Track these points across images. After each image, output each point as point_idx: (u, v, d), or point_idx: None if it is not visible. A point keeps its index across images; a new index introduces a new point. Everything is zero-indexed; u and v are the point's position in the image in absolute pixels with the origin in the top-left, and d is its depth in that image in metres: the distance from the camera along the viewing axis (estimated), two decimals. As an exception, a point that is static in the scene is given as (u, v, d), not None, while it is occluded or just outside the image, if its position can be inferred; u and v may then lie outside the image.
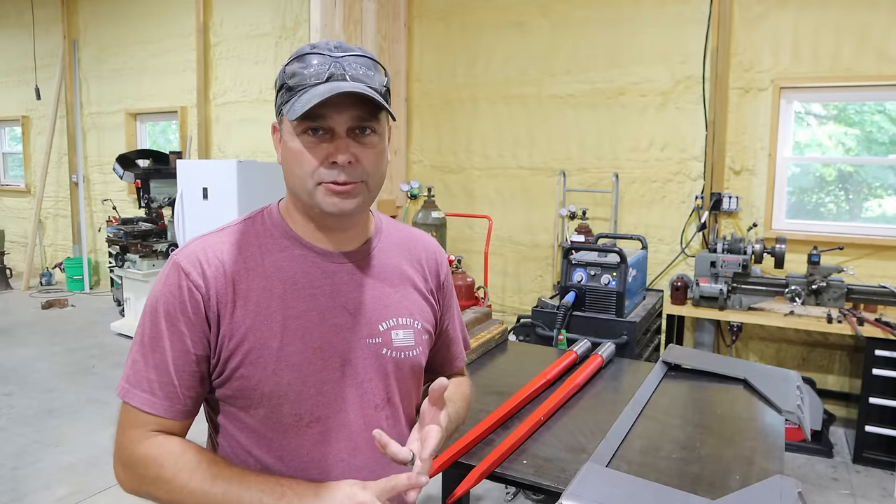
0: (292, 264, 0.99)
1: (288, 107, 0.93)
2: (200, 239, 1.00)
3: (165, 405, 0.94)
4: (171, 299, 0.94)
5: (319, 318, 0.98)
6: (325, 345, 0.98)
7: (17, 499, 3.02)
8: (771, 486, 1.30)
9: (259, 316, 0.95)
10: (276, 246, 1.00)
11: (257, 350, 0.94)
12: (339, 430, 0.99)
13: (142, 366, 0.94)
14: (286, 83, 0.94)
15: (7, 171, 8.78)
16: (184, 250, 0.98)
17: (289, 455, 0.98)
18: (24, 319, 6.28)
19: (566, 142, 4.75)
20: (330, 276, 1.00)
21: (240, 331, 0.94)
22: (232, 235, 1.00)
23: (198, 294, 0.94)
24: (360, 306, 1.01)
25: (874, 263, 3.88)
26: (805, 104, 4.20)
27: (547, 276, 4.91)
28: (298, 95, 0.92)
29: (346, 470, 0.99)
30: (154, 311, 0.95)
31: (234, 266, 0.96)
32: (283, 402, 0.96)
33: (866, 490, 3.21)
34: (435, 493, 3.03)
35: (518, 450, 1.52)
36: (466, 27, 5.05)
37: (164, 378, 0.94)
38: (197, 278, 0.94)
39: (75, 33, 7.43)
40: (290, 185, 0.99)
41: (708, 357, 2.26)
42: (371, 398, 1.02)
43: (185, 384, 0.95)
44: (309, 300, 0.98)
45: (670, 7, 4.31)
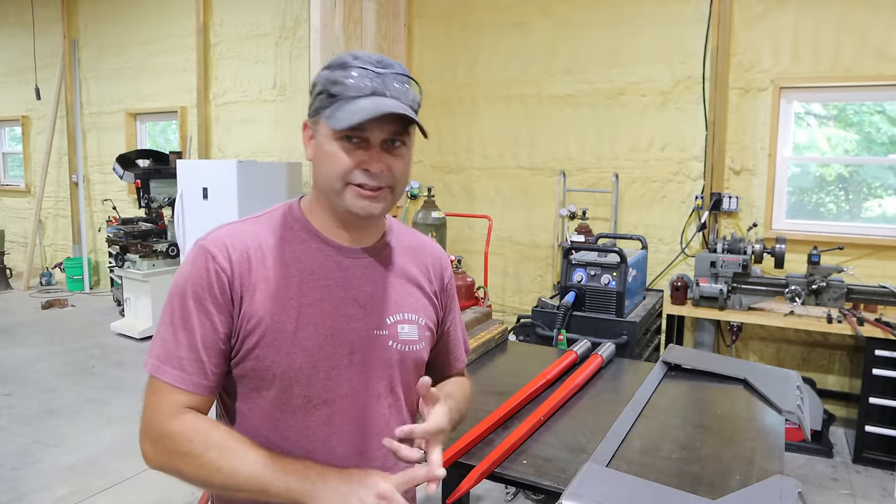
0: (310, 256, 1.05)
1: (329, 112, 0.99)
2: (226, 227, 1.06)
3: (195, 381, 0.98)
4: (199, 281, 0.99)
5: (332, 308, 1.04)
6: (336, 332, 1.04)
7: (17, 499, 3.02)
8: (771, 486, 1.30)
9: (277, 301, 1.01)
10: (296, 238, 1.06)
11: (273, 333, 1.00)
12: (343, 414, 1.05)
13: (172, 343, 0.99)
14: (328, 89, 1.00)
15: (7, 171, 8.78)
16: (210, 236, 1.04)
17: (294, 435, 1.03)
18: (24, 319, 6.28)
19: (566, 142, 4.75)
20: (344, 269, 1.07)
21: (258, 313, 1.00)
22: (256, 226, 1.07)
23: (224, 276, 1.00)
24: (370, 299, 1.08)
25: (874, 263, 3.88)
26: (805, 104, 4.20)
27: (547, 276, 4.91)
28: (341, 105, 0.98)
29: (349, 454, 1.05)
30: (182, 293, 1.00)
31: (257, 253, 1.02)
32: (293, 383, 1.02)
33: (866, 490, 3.21)
34: (435, 493, 3.03)
35: (518, 450, 1.52)
36: (466, 27, 5.05)
37: (193, 355, 0.98)
38: (223, 261, 1.00)
39: (75, 33, 7.43)
40: (319, 183, 1.05)
41: (708, 357, 2.26)
42: (375, 386, 1.08)
43: (212, 361, 1.00)
44: (323, 290, 1.04)
45: (670, 7, 4.31)
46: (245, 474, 0.94)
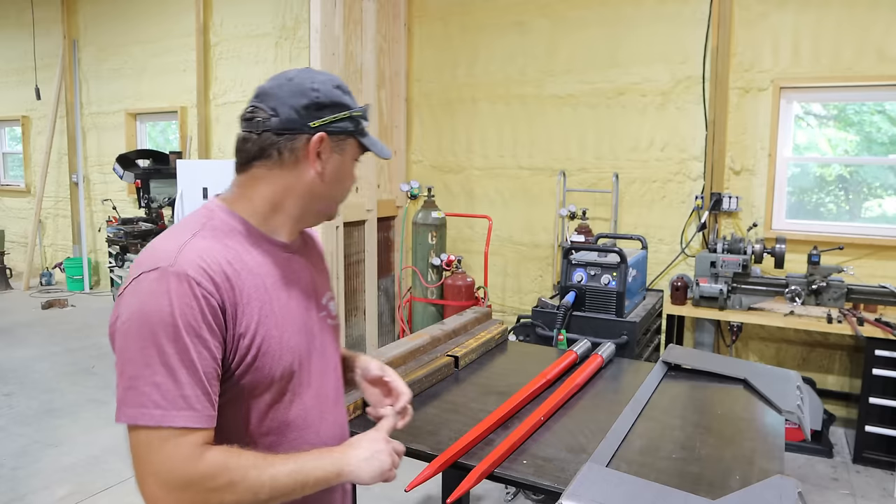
0: (267, 259, 1.09)
1: (368, 141, 1.14)
2: (186, 246, 0.98)
3: (207, 416, 0.94)
4: (189, 311, 0.93)
5: (296, 303, 1.11)
6: (303, 324, 1.12)
7: (17, 499, 3.02)
8: (771, 486, 1.30)
9: (261, 310, 1.03)
10: (249, 243, 1.07)
11: (267, 341, 1.03)
12: (319, 394, 1.14)
13: (171, 385, 0.91)
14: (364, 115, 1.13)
15: (7, 171, 8.78)
16: (179, 259, 0.95)
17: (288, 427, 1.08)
18: (24, 319, 6.28)
19: (566, 142, 4.75)
20: (289, 264, 1.13)
21: (251, 327, 1.01)
22: (211, 239, 1.02)
23: (213, 300, 0.96)
24: (311, 286, 1.18)
25: (874, 263, 3.88)
26: (805, 104, 4.20)
27: (547, 276, 4.91)
28: (368, 134, 1.15)
29: (330, 424, 1.16)
30: (172, 327, 0.92)
31: (229, 268, 1.00)
32: (286, 381, 1.07)
33: (866, 490, 3.21)
34: (435, 493, 3.03)
35: (518, 450, 1.52)
36: (466, 27, 5.05)
37: (199, 390, 0.93)
38: (208, 285, 0.95)
39: (75, 33, 7.43)
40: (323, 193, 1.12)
41: (708, 357, 2.27)
42: (331, 362, 1.20)
43: (215, 390, 0.97)
44: (286, 288, 1.10)
45: (670, 7, 4.31)
46: (285, 477, 0.97)
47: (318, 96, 1.06)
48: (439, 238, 4.72)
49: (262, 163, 1.06)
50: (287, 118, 1.04)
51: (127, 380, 0.92)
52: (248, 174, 1.08)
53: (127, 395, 0.91)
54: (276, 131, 1.05)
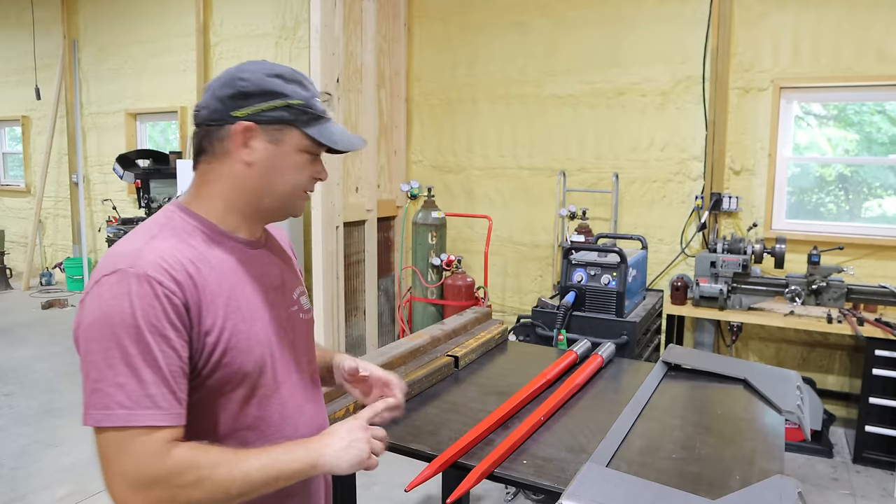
0: (230, 255, 1.09)
1: (315, 130, 1.07)
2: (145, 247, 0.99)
3: (174, 414, 0.94)
4: (151, 311, 0.93)
5: (263, 298, 1.12)
6: (272, 318, 1.12)
7: (17, 499, 3.02)
8: (771, 486, 1.30)
9: (227, 306, 1.04)
10: (211, 241, 1.08)
11: (234, 336, 1.03)
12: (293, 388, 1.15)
13: (134, 385, 0.91)
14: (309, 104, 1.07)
15: (7, 171, 8.78)
16: (139, 262, 0.96)
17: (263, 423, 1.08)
18: (24, 319, 6.28)
19: (566, 142, 4.75)
20: (255, 260, 1.14)
21: (217, 323, 1.01)
22: (172, 239, 1.03)
23: (176, 299, 0.96)
24: (280, 282, 1.18)
25: (874, 263, 3.88)
26: (805, 104, 4.20)
27: (547, 276, 4.91)
28: (324, 124, 1.09)
29: (307, 419, 1.16)
30: (134, 328, 0.92)
31: (191, 266, 1.01)
32: (257, 376, 1.07)
33: (866, 490, 3.21)
34: (435, 493, 3.03)
35: (518, 450, 1.52)
36: (466, 27, 5.05)
37: (165, 389, 0.93)
38: (170, 284, 0.96)
39: (75, 33, 7.43)
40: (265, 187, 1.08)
41: (708, 357, 2.27)
42: (303, 356, 1.20)
43: (181, 388, 0.96)
44: (252, 283, 1.11)
45: (670, 7, 4.31)
46: (257, 472, 0.96)
47: (244, 85, 1.06)
48: (439, 238, 4.72)
49: (202, 158, 1.10)
50: (213, 109, 1.06)
51: (91, 382, 0.91)
52: (197, 171, 1.12)
53: (91, 397, 0.91)
54: (205, 123, 1.07)
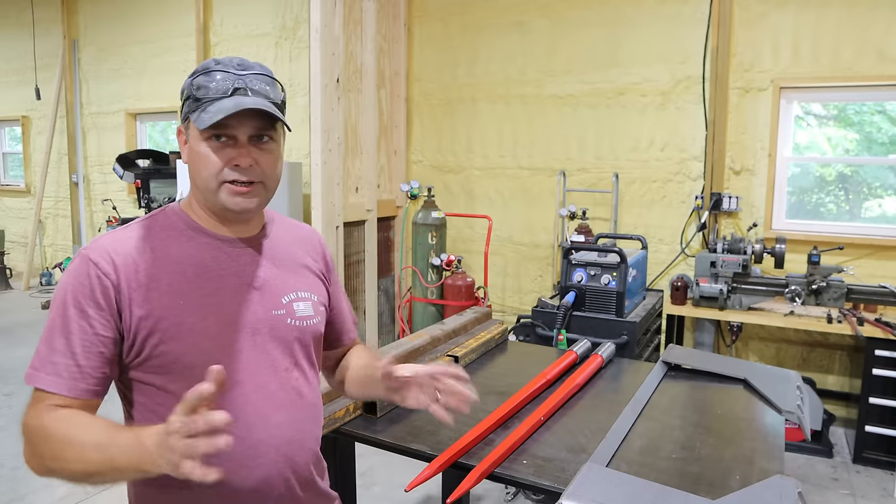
0: (200, 251, 1.11)
1: (196, 116, 1.06)
2: (108, 234, 1.10)
3: (70, 384, 1.00)
4: (80, 288, 1.02)
5: (230, 296, 1.11)
6: (237, 318, 1.10)
7: (17, 499, 3.02)
8: (771, 486, 1.30)
9: (173, 296, 1.06)
10: (184, 236, 1.12)
11: (175, 327, 1.05)
12: (256, 393, 1.11)
13: (46, 350, 1.01)
14: (193, 94, 1.07)
15: (7, 171, 8.78)
16: (92, 245, 1.07)
17: None
18: (24, 319, 6.28)
19: (566, 142, 4.75)
20: (235, 259, 1.14)
21: (155, 312, 1.04)
22: (138, 231, 1.11)
23: (107, 281, 1.03)
24: (264, 283, 1.15)
25: (874, 263, 3.88)
26: (805, 104, 4.20)
27: (547, 276, 4.91)
28: (205, 106, 1.05)
29: (267, 426, 1.11)
30: (63, 301, 1.03)
31: (143, 255, 1.07)
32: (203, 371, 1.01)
33: (866, 490, 3.21)
34: (435, 493, 3.03)
35: (518, 450, 1.52)
36: (466, 27, 5.05)
37: (68, 360, 1.00)
38: (106, 266, 1.03)
39: (75, 33, 7.43)
40: (195, 184, 1.11)
41: (708, 357, 2.27)
42: (281, 362, 1.15)
43: (91, 364, 1.02)
44: (219, 280, 1.11)
45: (670, 7, 4.31)
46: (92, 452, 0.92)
47: (182, 90, 1.11)
48: (439, 238, 4.72)
49: None
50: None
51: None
52: None
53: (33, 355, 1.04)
54: None
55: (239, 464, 1.07)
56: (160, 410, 1.05)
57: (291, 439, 1.14)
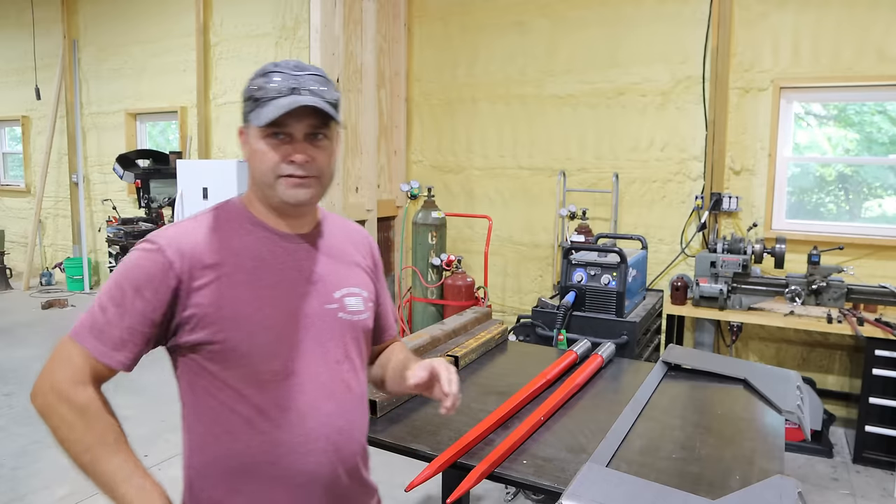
0: (259, 244, 1.16)
1: (254, 115, 1.11)
2: (176, 225, 1.16)
3: (109, 353, 1.06)
4: (143, 270, 1.08)
5: (288, 288, 1.16)
6: (293, 310, 1.15)
7: (17, 499, 3.02)
8: (771, 486, 1.30)
9: (233, 288, 1.10)
10: (244, 230, 1.16)
11: (234, 317, 1.09)
12: (311, 382, 1.15)
13: (99, 315, 1.07)
14: (253, 95, 1.12)
15: (7, 171, 8.78)
16: (162, 233, 1.13)
17: (268, 407, 1.11)
18: (24, 319, 6.28)
19: (566, 142, 4.75)
20: (291, 253, 1.18)
21: (216, 301, 1.09)
22: (204, 222, 1.16)
23: (171, 271, 1.08)
24: (318, 278, 1.20)
25: (874, 263, 3.88)
26: (805, 104, 4.20)
27: (547, 276, 4.91)
28: (263, 106, 1.10)
29: (318, 415, 1.15)
30: (124, 276, 1.09)
31: (209, 246, 1.12)
32: (259, 360, 1.11)
33: (866, 490, 3.21)
34: (435, 493, 3.03)
35: (518, 450, 1.52)
36: (466, 27, 5.05)
37: (114, 330, 1.06)
38: (172, 255, 1.09)
39: (75, 33, 7.43)
40: (255, 180, 1.16)
41: (708, 357, 2.27)
42: (333, 354, 1.19)
43: (133, 341, 1.07)
44: (278, 273, 1.15)
45: (670, 7, 4.31)
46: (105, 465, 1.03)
47: (243, 92, 1.16)
48: (439, 238, 4.72)
49: None
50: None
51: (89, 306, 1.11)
52: None
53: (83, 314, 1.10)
54: None
55: (292, 450, 1.12)
56: (219, 395, 1.11)
57: (341, 429, 1.18)
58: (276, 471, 1.11)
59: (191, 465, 1.15)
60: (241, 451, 1.11)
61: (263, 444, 1.10)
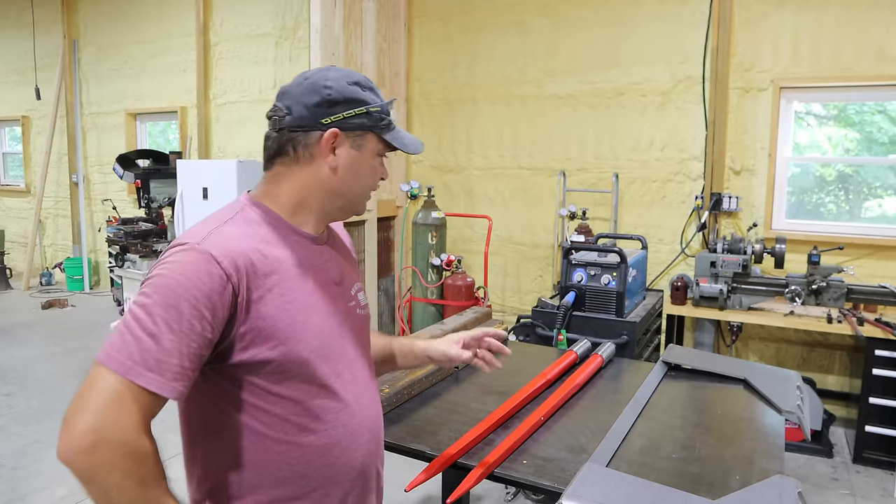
0: (295, 249, 1.12)
1: (391, 135, 1.16)
2: (217, 230, 1.04)
3: (171, 386, 0.94)
4: (200, 285, 0.96)
5: (324, 291, 1.15)
6: (331, 311, 1.16)
7: (17, 499, 3.02)
8: (771, 486, 1.30)
9: (284, 296, 1.07)
10: (277, 234, 1.12)
11: (290, 327, 1.06)
12: (352, 379, 1.18)
13: (151, 345, 0.92)
14: (369, 109, 1.12)
15: (7, 171, 8.77)
16: (209, 240, 1.01)
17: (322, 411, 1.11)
18: (24, 319, 6.28)
19: (566, 142, 4.75)
20: (318, 255, 1.18)
21: (271, 314, 1.04)
22: (245, 228, 1.08)
23: (229, 285, 0.99)
24: (340, 277, 1.22)
25: (874, 263, 3.88)
26: (805, 104, 4.20)
27: (547, 276, 4.91)
28: (395, 129, 1.17)
29: (362, 409, 1.18)
30: (175, 294, 0.95)
31: (256, 255, 1.05)
32: (315, 367, 1.10)
33: (866, 490, 3.21)
34: (435, 493, 3.03)
35: (518, 450, 1.52)
36: (466, 27, 5.05)
37: (173, 360, 0.94)
38: (228, 266, 1.00)
39: (75, 33, 7.43)
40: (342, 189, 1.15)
41: (708, 357, 2.27)
42: (359, 349, 1.23)
43: (191, 367, 0.96)
44: (313, 277, 1.14)
45: (670, 7, 4.31)
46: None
47: (329, 93, 1.10)
48: (439, 238, 4.72)
49: (282, 160, 1.14)
50: (299, 116, 1.10)
51: (123, 325, 0.95)
52: (272, 171, 1.15)
53: (114, 337, 0.94)
54: (290, 129, 1.11)
55: (342, 450, 1.14)
56: (273, 410, 1.07)
57: (376, 420, 1.23)
58: (332, 471, 1.13)
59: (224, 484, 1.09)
60: (297, 458, 1.09)
61: (320, 447, 1.11)
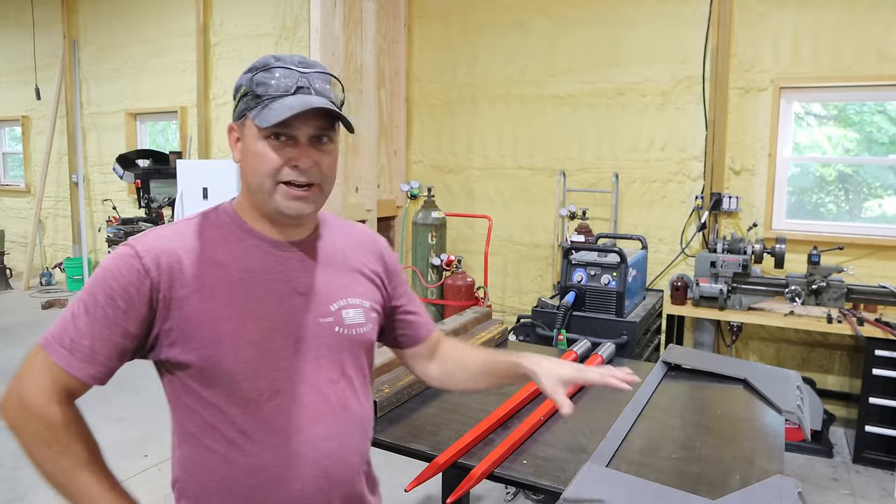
0: (247, 254, 1.07)
1: (255, 113, 1.02)
2: (157, 230, 1.07)
3: (79, 366, 0.99)
4: (119, 277, 1.00)
5: (275, 301, 1.06)
6: (280, 325, 1.06)
7: (17, 499, 3.02)
8: (771, 486, 1.30)
9: (215, 300, 1.02)
10: (232, 237, 1.08)
11: (216, 332, 1.01)
12: (298, 402, 1.06)
13: (70, 325, 1.00)
14: (253, 90, 1.03)
15: (7, 171, 8.77)
16: (141, 237, 1.04)
17: (251, 428, 1.04)
18: (24, 319, 6.27)
19: (566, 142, 4.75)
20: (283, 262, 1.09)
21: (197, 315, 1.01)
22: (187, 228, 1.08)
23: (147, 280, 1.00)
24: (311, 289, 1.10)
25: (874, 263, 3.88)
26: (805, 104, 4.20)
27: (547, 276, 4.91)
28: (267, 104, 1.01)
29: (308, 438, 1.06)
30: (98, 283, 1.00)
31: (190, 255, 1.03)
32: (242, 378, 1.03)
33: (866, 490, 3.21)
34: (435, 493, 3.03)
35: (518, 450, 1.52)
36: (466, 27, 5.05)
37: (85, 341, 0.99)
38: (150, 263, 1.00)
39: (75, 33, 7.43)
40: (249, 184, 1.07)
41: (708, 357, 2.27)
42: (326, 372, 1.10)
43: (105, 353, 1.00)
44: (265, 285, 1.06)
45: (670, 7, 4.31)
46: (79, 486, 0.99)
47: (238, 85, 1.07)
48: (439, 238, 4.72)
49: None
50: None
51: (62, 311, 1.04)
52: None
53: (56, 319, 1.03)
54: None
55: (273, 476, 1.04)
56: (203, 414, 1.05)
57: (332, 453, 1.08)
58: (261, 495, 1.04)
59: (178, 480, 1.11)
60: (224, 473, 1.04)
61: (247, 466, 1.03)
